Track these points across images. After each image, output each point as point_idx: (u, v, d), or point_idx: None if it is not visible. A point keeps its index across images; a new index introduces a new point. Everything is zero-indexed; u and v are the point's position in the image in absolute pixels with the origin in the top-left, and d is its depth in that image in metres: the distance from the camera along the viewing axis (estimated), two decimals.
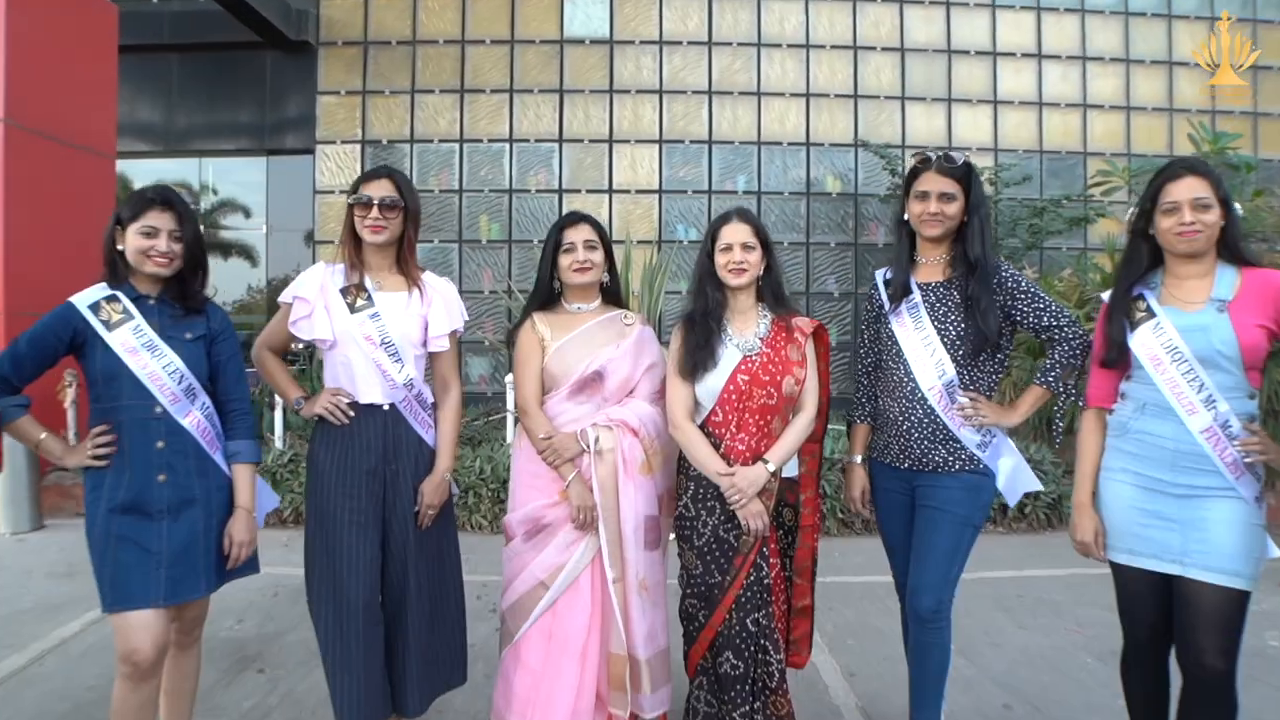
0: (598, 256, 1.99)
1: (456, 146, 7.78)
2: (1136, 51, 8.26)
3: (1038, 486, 1.94)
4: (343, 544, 1.83)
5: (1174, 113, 8.22)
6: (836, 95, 7.91)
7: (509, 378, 5.26)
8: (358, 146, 7.81)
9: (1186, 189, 1.62)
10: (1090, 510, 1.75)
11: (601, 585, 1.89)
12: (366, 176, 1.88)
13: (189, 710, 1.92)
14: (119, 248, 1.76)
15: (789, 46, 7.90)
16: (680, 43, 7.85)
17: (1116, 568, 1.74)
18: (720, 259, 1.89)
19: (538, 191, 7.77)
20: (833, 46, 7.93)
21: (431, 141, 7.80)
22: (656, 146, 7.79)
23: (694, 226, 7.73)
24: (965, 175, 1.86)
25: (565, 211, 7.62)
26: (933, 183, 1.84)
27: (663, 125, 7.80)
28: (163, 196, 1.77)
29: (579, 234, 1.97)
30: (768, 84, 7.86)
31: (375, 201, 1.83)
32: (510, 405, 5.21)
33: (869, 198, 7.82)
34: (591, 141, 7.77)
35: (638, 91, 7.80)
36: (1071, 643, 2.93)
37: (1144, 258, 1.72)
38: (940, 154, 1.87)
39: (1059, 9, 8.19)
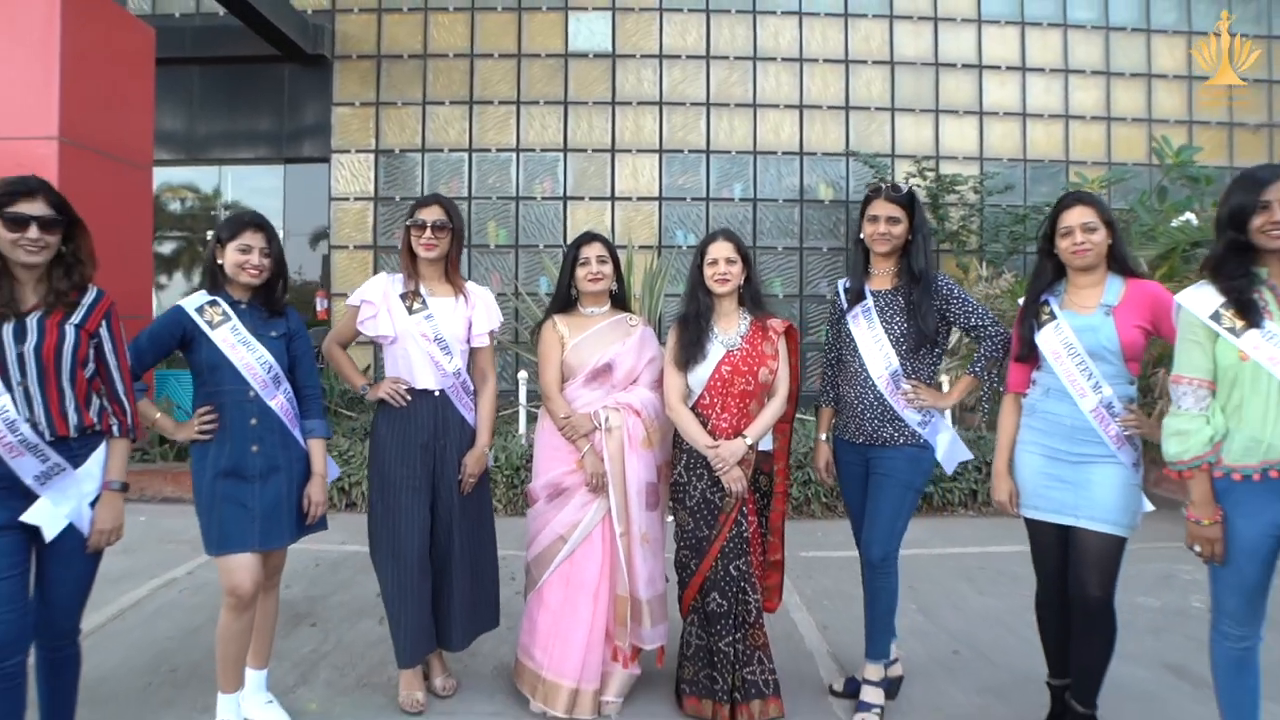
0: (608, 269, 2.42)
1: (466, 155, 8.21)
2: (1117, 65, 8.69)
3: (969, 456, 2.38)
4: (400, 506, 2.26)
5: (1152, 123, 8.64)
6: (829, 107, 8.35)
7: (521, 375, 5.71)
8: (371, 155, 8.24)
9: (1077, 215, 2.05)
10: (1006, 476, 2.18)
11: (610, 538, 2.32)
12: (420, 203, 2.32)
13: (269, 641, 2.35)
14: (219, 261, 2.19)
15: (783, 60, 8.34)
16: (679, 57, 8.29)
17: (1028, 522, 2.17)
18: (708, 271, 2.32)
19: (543, 199, 8.20)
20: (825, 60, 8.37)
21: (442, 151, 8.23)
22: (657, 156, 8.22)
23: (692, 232, 8.16)
24: (909, 202, 2.29)
25: (569, 218, 8.14)
26: (881, 208, 2.27)
27: (663, 135, 8.23)
28: (256, 220, 2.20)
29: (593, 250, 2.41)
30: (763, 96, 8.29)
31: (428, 224, 2.27)
32: (521, 400, 5.66)
33: (859, 204, 8.23)
34: (595, 151, 8.21)
35: (639, 103, 8.23)
36: (1024, 605, 3.34)
37: (1049, 272, 2.15)
38: (888, 184, 2.31)
39: (1042, 24, 8.63)
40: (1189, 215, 5.14)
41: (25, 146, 4.76)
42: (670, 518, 2.42)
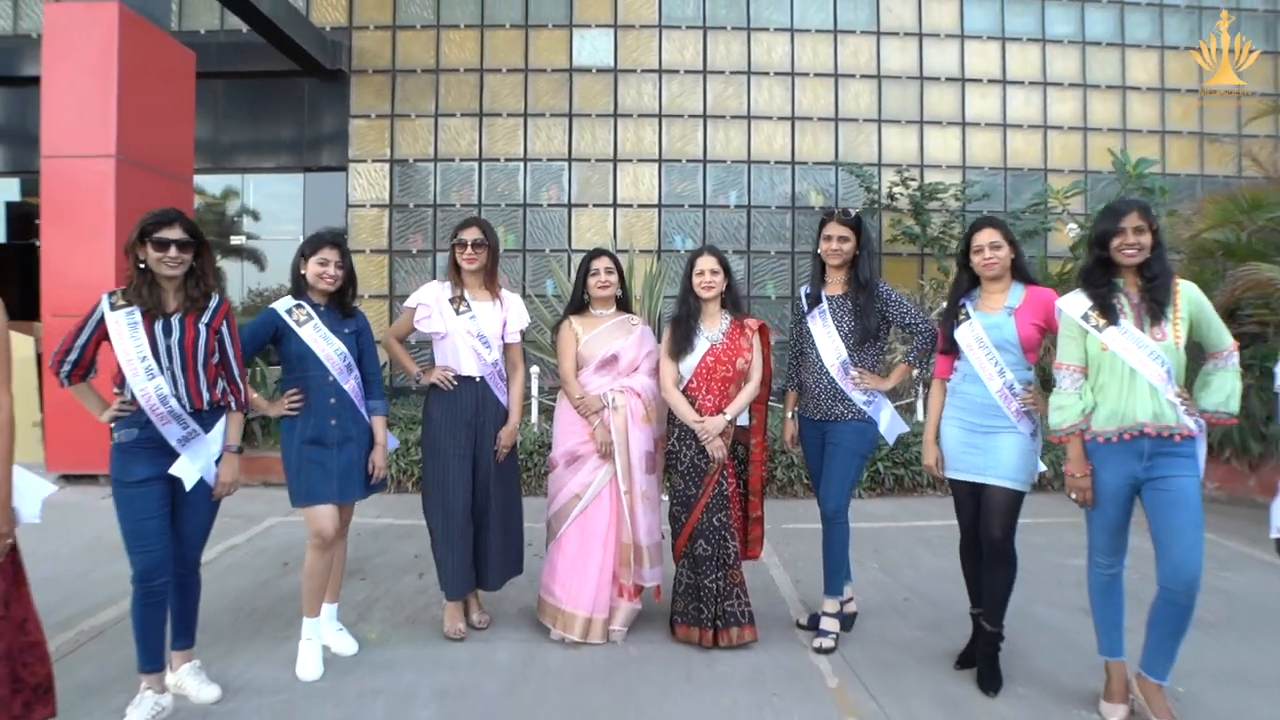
0: (613, 279, 3.00)
1: (476, 165, 8.79)
2: (1092, 78, 9.26)
3: (906, 429, 2.95)
4: (448, 469, 2.84)
5: (1127, 133, 9.23)
6: (819, 119, 8.93)
7: (534, 369, 6.28)
8: (386, 165, 8.82)
9: (986, 236, 2.62)
10: (934, 445, 2.75)
11: (616, 496, 2.89)
12: (463, 225, 2.90)
13: (340, 580, 2.92)
14: (302, 272, 2.77)
15: (776, 74, 8.92)
16: (678, 71, 8.87)
17: (950, 482, 2.74)
18: (696, 280, 2.89)
19: (549, 206, 8.78)
20: (815, 74, 8.95)
21: (453, 160, 8.81)
22: (656, 165, 8.80)
23: (690, 237, 8.75)
24: (856, 224, 2.87)
25: (574, 224, 8.72)
26: (834, 230, 2.85)
27: (662, 146, 8.82)
28: (333, 239, 2.78)
29: (601, 264, 2.99)
30: (756, 108, 8.87)
31: (469, 243, 2.85)
32: (533, 392, 6.23)
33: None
34: (597, 160, 8.79)
35: (639, 115, 8.81)
36: None
37: (965, 282, 2.72)
38: (840, 210, 2.88)
39: (1022, 39, 9.20)
40: (1074, 226, 5.72)
41: (88, 164, 5.36)
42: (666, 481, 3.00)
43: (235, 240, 9.31)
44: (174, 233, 2.35)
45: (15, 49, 8.94)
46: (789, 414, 3.06)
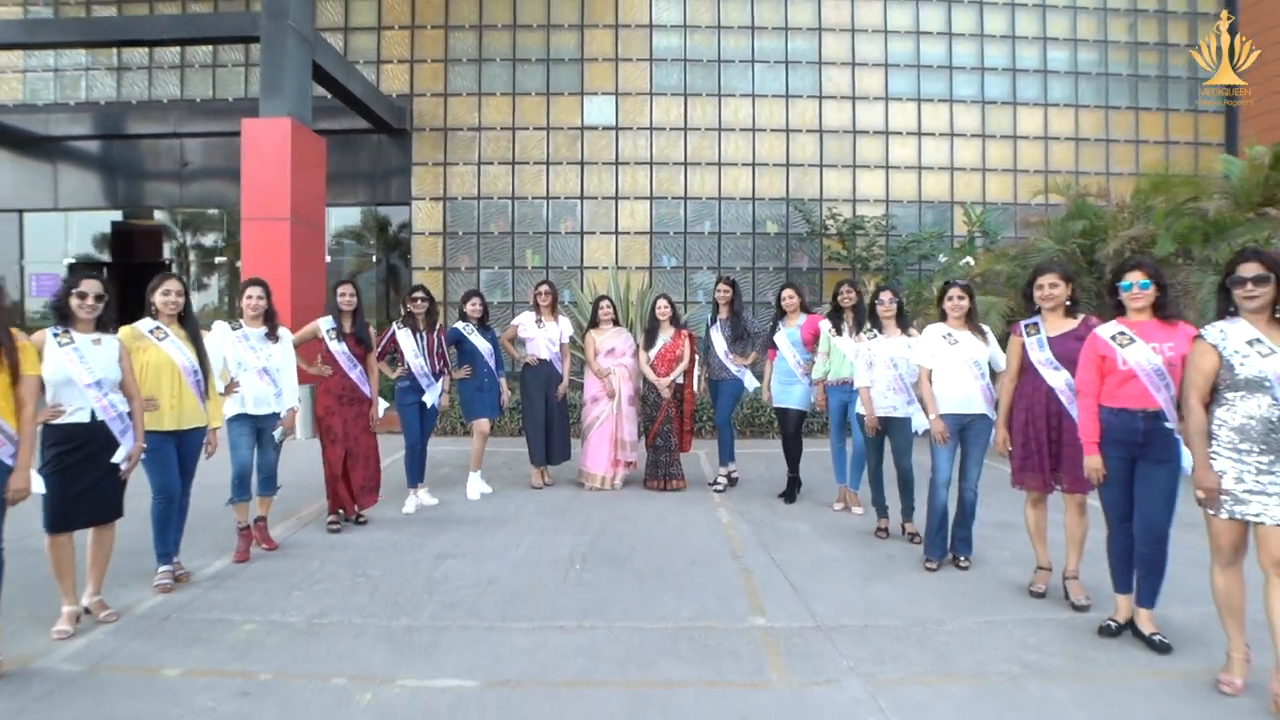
0: (613, 312, 6.33)
1: (509, 202, 12.10)
2: (990, 129, 12.51)
3: (756, 386, 6.27)
4: (535, 408, 6.21)
5: (1017, 173, 12.48)
6: (773, 164, 12.21)
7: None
8: (441, 202, 12.14)
9: (788, 295, 5.92)
10: (768, 390, 6.05)
11: (615, 417, 6.23)
12: (539, 284, 6.24)
13: (479, 457, 6.27)
14: (464, 308, 6.10)
15: (740, 130, 12.20)
16: (664, 128, 12.15)
17: (776, 410, 6.05)
18: (657, 310, 6.21)
19: (566, 233, 12.09)
20: (771, 130, 12.22)
21: (492, 198, 12.12)
22: (648, 201, 12.10)
23: (673, 257, 12.06)
24: (732, 284, 6.18)
25: (584, 247, 12.03)
26: (721, 290, 6.16)
27: (652, 186, 12.11)
28: (478, 291, 6.13)
29: (605, 304, 6.31)
30: (725, 157, 12.16)
31: (543, 292, 6.19)
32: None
33: (795, 236, 12.13)
34: (603, 198, 12.09)
35: (635, 163, 12.11)
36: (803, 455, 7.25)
37: (779, 313, 6.02)
38: (726, 277, 6.19)
39: (934, 99, 12.45)
40: (968, 259, 9.00)
41: (272, 224, 8.70)
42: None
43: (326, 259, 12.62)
44: (419, 295, 5.67)
45: (120, 114, 12.28)
46: (702, 380, 6.41)
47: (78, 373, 3.34)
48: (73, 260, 12.96)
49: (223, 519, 4.84)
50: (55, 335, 3.36)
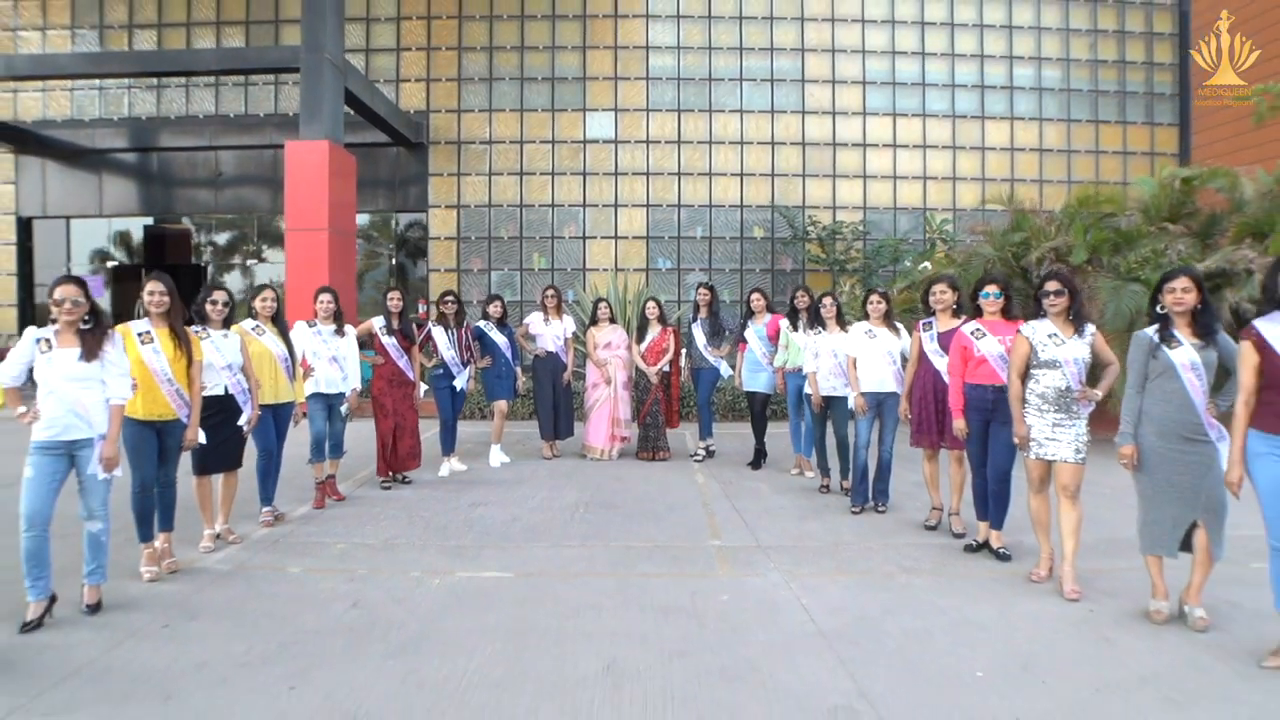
0: (609, 311, 7.65)
1: (518, 209, 13.42)
2: (960, 141, 13.78)
3: (730, 373, 7.58)
4: (544, 389, 7.53)
5: (985, 181, 13.76)
6: (760, 174, 13.50)
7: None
8: (455, 209, 13.46)
9: (757, 300, 7.24)
10: (740, 378, 7.37)
11: (612, 400, 7.56)
12: (546, 288, 7.56)
13: (499, 432, 7.61)
14: (488, 309, 7.43)
15: (729, 143, 13.49)
16: (660, 141, 13.45)
17: (747, 394, 7.37)
18: (647, 310, 7.52)
19: (570, 238, 13.40)
20: (758, 142, 13.51)
21: (502, 206, 13.44)
22: (645, 209, 13.41)
23: (668, 259, 13.36)
24: (711, 289, 7.49)
25: (587, 250, 13.33)
26: (701, 293, 7.47)
27: (649, 195, 13.41)
28: (499, 295, 7.46)
29: (603, 305, 7.64)
30: (715, 168, 13.46)
31: (550, 296, 7.51)
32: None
33: (779, 241, 13.43)
34: (603, 206, 13.40)
35: (633, 173, 13.41)
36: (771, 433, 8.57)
37: (748, 312, 7.34)
38: (705, 283, 7.50)
39: (908, 114, 13.72)
40: (926, 264, 10.29)
41: (312, 234, 10.03)
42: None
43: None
44: (450, 298, 7.01)
45: (148, 128, 13.62)
46: (686, 368, 7.73)
47: (215, 359, 4.67)
48: (116, 264, 14.33)
49: (300, 478, 6.17)
50: (197, 332, 4.68)
